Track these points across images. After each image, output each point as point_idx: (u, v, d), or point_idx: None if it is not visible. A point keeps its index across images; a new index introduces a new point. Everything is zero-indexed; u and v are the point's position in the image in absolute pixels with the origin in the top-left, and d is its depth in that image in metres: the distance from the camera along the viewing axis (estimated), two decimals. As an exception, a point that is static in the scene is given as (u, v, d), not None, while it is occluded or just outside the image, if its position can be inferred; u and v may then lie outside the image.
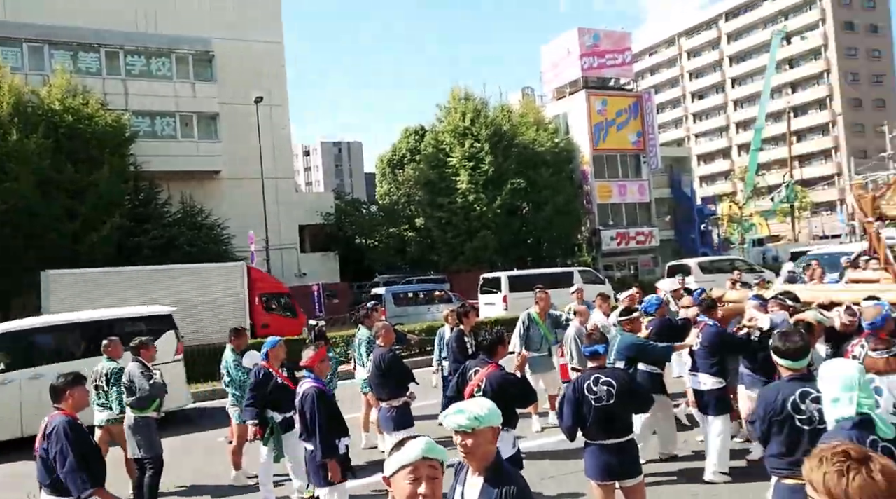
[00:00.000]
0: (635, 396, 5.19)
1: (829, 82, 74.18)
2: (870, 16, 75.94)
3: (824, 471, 1.84)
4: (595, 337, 5.27)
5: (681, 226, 44.02)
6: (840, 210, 58.70)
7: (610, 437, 5.00)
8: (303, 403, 5.39)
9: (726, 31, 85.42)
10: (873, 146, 66.53)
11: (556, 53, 42.92)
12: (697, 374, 6.61)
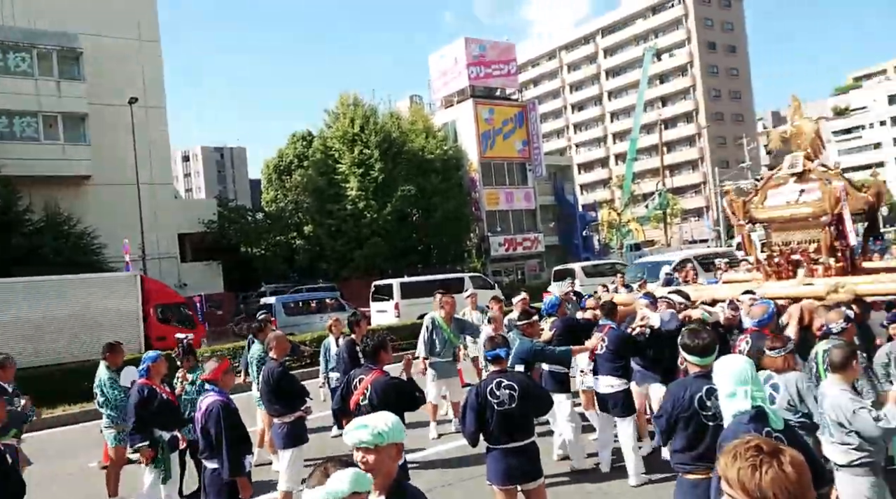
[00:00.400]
0: (537, 398, 5.21)
1: (695, 97, 79.80)
2: (729, 37, 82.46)
3: (738, 466, 1.86)
4: (497, 341, 5.26)
5: (564, 232, 45.72)
6: (706, 216, 63.20)
7: (512, 440, 4.99)
8: (207, 418, 5.01)
9: (603, 46, 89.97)
10: (734, 157, 72.16)
11: (444, 63, 43.49)
12: (600, 376, 6.66)
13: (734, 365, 3.46)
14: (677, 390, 4.22)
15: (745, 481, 1.83)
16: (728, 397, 3.35)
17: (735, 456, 1.89)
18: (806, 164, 7.76)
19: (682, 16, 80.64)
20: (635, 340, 6.68)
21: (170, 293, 20.33)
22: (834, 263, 7.42)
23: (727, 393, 3.37)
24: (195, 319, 19.77)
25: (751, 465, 1.84)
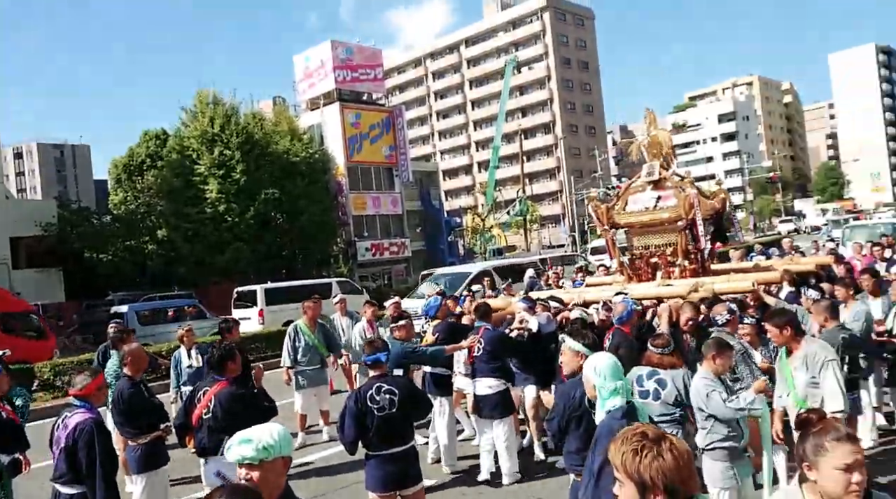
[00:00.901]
0: (417, 401, 5.15)
1: (552, 109, 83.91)
2: (582, 54, 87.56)
3: (623, 450, 1.96)
4: (377, 345, 5.14)
5: (430, 237, 46.28)
6: (563, 222, 66.47)
7: (393, 446, 4.90)
8: (75, 438, 4.36)
9: (466, 56, 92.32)
10: (587, 167, 76.60)
11: (310, 64, 42.62)
12: (479, 378, 6.63)
13: (609, 362, 3.55)
14: (568, 391, 4.28)
15: (626, 465, 1.93)
16: (611, 394, 3.44)
17: (622, 441, 1.99)
18: (662, 172, 8.31)
19: (540, 31, 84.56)
20: (512, 340, 6.76)
21: (15, 301, 18.56)
22: (688, 265, 7.99)
23: (610, 390, 3.45)
24: (46, 329, 17.94)
25: (633, 449, 1.94)
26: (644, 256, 8.52)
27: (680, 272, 7.97)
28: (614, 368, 3.52)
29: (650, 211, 8.31)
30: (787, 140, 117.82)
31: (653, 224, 8.30)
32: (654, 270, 8.44)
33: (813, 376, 4.65)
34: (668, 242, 8.22)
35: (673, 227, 8.06)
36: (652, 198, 8.26)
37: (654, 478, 1.89)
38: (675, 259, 8.09)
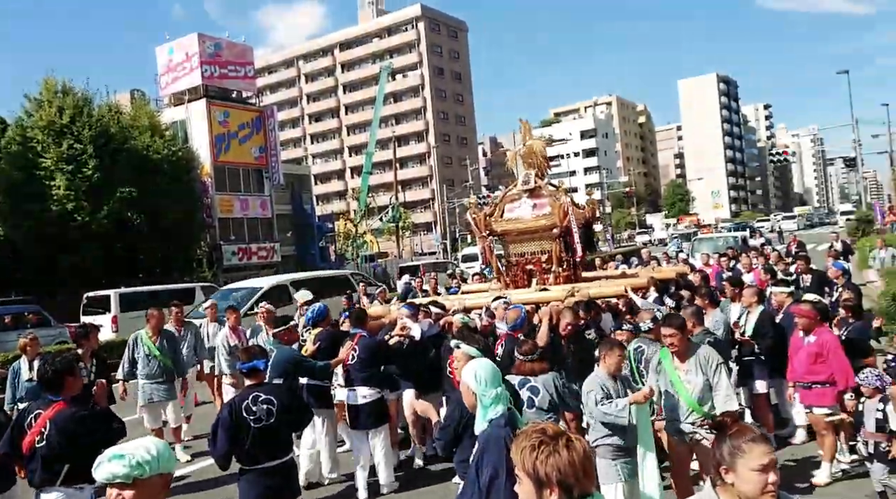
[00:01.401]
0: (297, 412, 4.92)
1: (425, 118, 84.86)
2: (455, 65, 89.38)
3: (522, 446, 1.97)
4: (254, 352, 4.86)
5: (301, 242, 45.16)
6: (435, 230, 67.30)
7: (271, 459, 4.64)
8: None
9: (340, 60, 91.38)
10: (459, 177, 78.09)
11: (175, 57, 40.32)
12: (355, 387, 6.35)
13: (490, 368, 3.46)
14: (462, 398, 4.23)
15: (524, 461, 1.95)
16: (493, 402, 3.32)
17: (522, 438, 2.01)
18: (537, 181, 8.55)
19: (414, 40, 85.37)
20: (389, 347, 6.57)
21: None
22: (562, 271, 8.27)
23: (491, 398, 3.32)
24: None
25: (531, 445, 1.96)
26: (520, 263, 8.73)
27: (554, 279, 8.23)
28: (494, 374, 3.42)
29: (526, 219, 8.53)
30: (641, 158, 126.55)
31: (529, 232, 8.52)
32: (530, 276, 8.67)
33: (707, 378, 4.82)
34: (544, 250, 8.48)
35: (548, 234, 8.32)
36: (528, 206, 8.48)
37: (549, 474, 1.90)
38: (550, 266, 8.34)
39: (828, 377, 5.74)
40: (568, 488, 1.92)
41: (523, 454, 1.97)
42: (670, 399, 4.96)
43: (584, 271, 9.41)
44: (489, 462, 3.07)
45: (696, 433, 4.89)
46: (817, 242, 33.08)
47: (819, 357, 5.79)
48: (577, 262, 8.69)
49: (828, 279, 10.48)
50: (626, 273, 9.90)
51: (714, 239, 25.04)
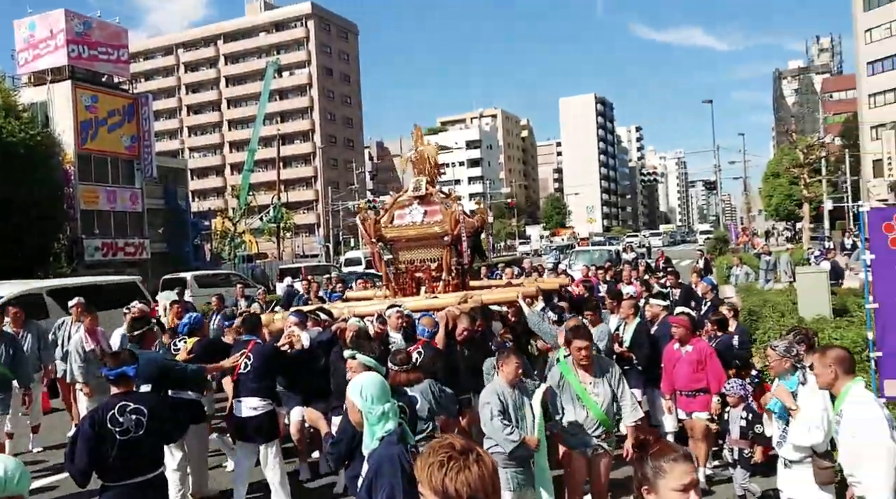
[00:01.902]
0: (169, 422, 4.55)
1: (312, 118, 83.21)
2: (344, 66, 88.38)
3: (429, 462, 1.90)
4: (123, 357, 4.44)
5: (174, 239, 42.80)
6: (317, 232, 65.97)
7: (138, 474, 4.24)
8: None
9: (224, 51, 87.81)
10: (344, 179, 77.19)
11: (36, 33, 37.03)
12: (243, 398, 5.85)
13: (377, 382, 3.29)
14: None
15: (432, 478, 1.87)
16: (380, 419, 3.16)
17: (429, 454, 1.93)
18: (428, 188, 8.49)
19: (303, 38, 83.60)
20: (286, 355, 6.19)
21: None
22: (451, 279, 8.24)
23: (378, 415, 3.16)
24: None
25: (439, 461, 1.88)
26: (409, 271, 8.62)
27: (444, 287, 8.20)
28: (383, 389, 3.25)
29: (417, 226, 8.44)
30: (523, 171, 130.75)
31: (419, 239, 8.44)
32: (419, 284, 8.58)
33: (613, 390, 4.88)
34: (433, 257, 8.42)
35: (439, 242, 8.28)
36: (419, 213, 8.40)
37: (460, 490, 1.84)
38: (440, 274, 8.30)
39: (708, 385, 6.08)
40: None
41: (430, 471, 1.88)
42: (575, 413, 4.88)
43: (471, 280, 9.45)
44: (384, 484, 2.94)
45: (599, 448, 4.91)
46: (679, 257, 35.43)
47: (700, 365, 6.12)
48: (465, 270, 8.71)
49: (694, 294, 11.20)
50: (512, 283, 10.06)
51: (591, 252, 26.19)
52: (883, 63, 51.81)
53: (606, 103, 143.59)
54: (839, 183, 50.60)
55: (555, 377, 5.02)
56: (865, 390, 3.83)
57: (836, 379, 3.80)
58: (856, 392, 3.74)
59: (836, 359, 3.80)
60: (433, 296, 7.83)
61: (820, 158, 38.81)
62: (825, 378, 3.85)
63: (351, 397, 3.23)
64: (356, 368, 4.18)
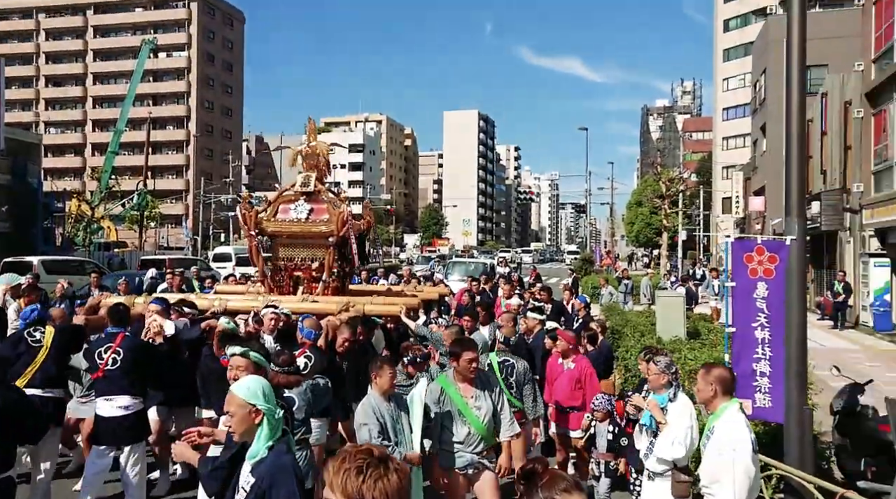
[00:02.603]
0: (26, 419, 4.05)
1: (188, 104, 79.07)
2: (228, 54, 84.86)
3: (344, 469, 1.85)
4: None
5: (21, 220, 38.94)
6: (185, 224, 62.67)
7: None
8: None
9: (93, 23, 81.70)
10: (219, 171, 73.92)
11: None
12: (109, 397, 5.32)
13: (263, 387, 3.05)
14: None
15: (347, 484, 1.83)
16: (278, 424, 2.96)
17: (344, 459, 1.89)
18: (317, 185, 8.20)
19: (185, 19, 79.50)
20: (158, 349, 5.69)
21: None
22: (332, 282, 8.00)
23: (278, 417, 2.96)
24: None
25: (357, 468, 1.85)
26: (288, 269, 8.29)
27: (323, 289, 7.94)
28: (270, 392, 3.03)
29: (301, 223, 8.13)
30: (404, 179, 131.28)
31: (302, 236, 8.13)
32: (296, 284, 8.27)
33: (494, 404, 4.76)
34: (315, 257, 8.14)
35: (323, 242, 8.01)
36: (304, 210, 8.10)
37: (377, 498, 1.82)
38: (320, 275, 8.04)
39: (582, 403, 6.24)
40: None
41: (346, 477, 1.83)
42: (456, 429, 4.70)
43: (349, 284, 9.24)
44: (282, 495, 2.74)
45: (480, 464, 4.73)
46: (548, 275, 36.93)
47: (578, 384, 6.28)
48: (346, 273, 8.50)
49: (565, 309, 11.65)
50: (392, 290, 9.94)
51: (467, 263, 26.64)
52: (736, 110, 56.91)
53: (489, 121, 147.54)
54: (693, 216, 54.84)
55: (434, 393, 4.81)
56: (739, 412, 4.05)
57: (714, 397, 4.02)
58: (730, 413, 3.97)
59: (717, 378, 4.02)
60: (313, 299, 7.55)
61: (679, 191, 41.89)
62: (705, 394, 4.06)
63: (248, 400, 2.92)
64: (245, 367, 3.79)
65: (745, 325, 5.95)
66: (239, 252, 31.06)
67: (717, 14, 61.24)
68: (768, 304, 5.85)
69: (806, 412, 5.43)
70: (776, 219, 30.85)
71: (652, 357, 5.00)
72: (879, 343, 17.52)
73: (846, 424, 6.60)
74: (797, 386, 5.45)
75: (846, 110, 21.93)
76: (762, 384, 5.84)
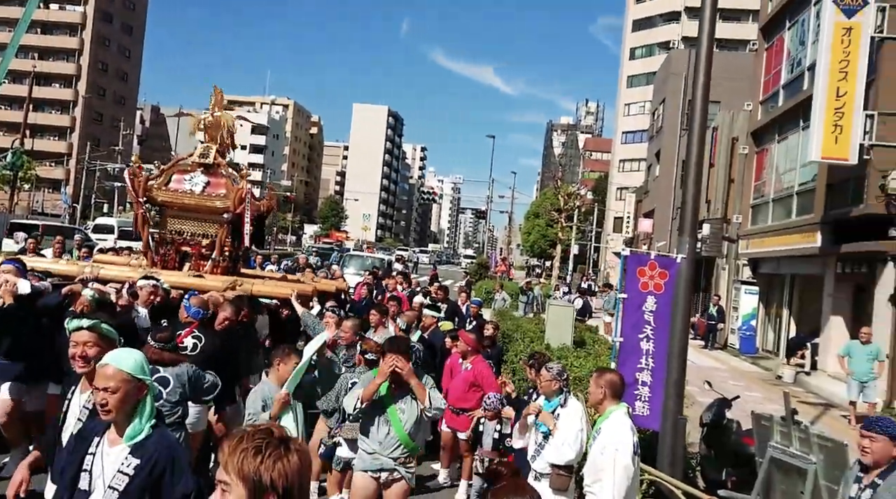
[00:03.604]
0: None
1: (79, 63, 73.75)
2: (129, 15, 79.89)
3: (242, 448, 1.79)
4: None
5: None
6: (64, 191, 58.39)
7: None
8: None
9: (-22, -38, 74.64)
10: (108, 138, 69.45)
11: None
12: None
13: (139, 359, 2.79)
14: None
15: (244, 465, 1.77)
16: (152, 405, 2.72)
17: (241, 439, 1.81)
18: (217, 157, 7.77)
19: (84, -29, 74.23)
20: (6, 311, 5.09)
21: None
22: (222, 260, 7.58)
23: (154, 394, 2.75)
24: None
25: (255, 448, 1.78)
26: (175, 243, 7.79)
27: (213, 267, 7.51)
28: (144, 366, 2.78)
29: (196, 195, 7.65)
30: (307, 167, 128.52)
31: (196, 210, 7.66)
32: (183, 258, 7.80)
33: (419, 414, 4.56)
34: (207, 233, 7.71)
35: (217, 218, 7.59)
36: (201, 182, 7.64)
37: (276, 479, 1.76)
38: (210, 252, 7.61)
39: (475, 405, 6.24)
40: (290, 496, 1.78)
41: (243, 457, 1.76)
42: (377, 428, 4.51)
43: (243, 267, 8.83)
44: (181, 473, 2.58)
45: (395, 471, 4.53)
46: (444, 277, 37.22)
47: (472, 386, 6.28)
48: (239, 254, 8.11)
49: (459, 310, 11.76)
50: (288, 277, 9.59)
51: (364, 258, 26.37)
52: (634, 135, 59.80)
53: (398, 118, 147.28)
54: (586, 232, 57.06)
55: (367, 382, 4.58)
56: (626, 416, 4.22)
57: (604, 399, 4.20)
58: (616, 416, 4.14)
59: (608, 382, 4.21)
60: (198, 274, 7.12)
61: (575, 206, 43.45)
62: (595, 397, 4.24)
63: (136, 374, 2.66)
64: (95, 342, 3.32)
65: (633, 335, 6.16)
66: (123, 225, 29.34)
67: (625, 42, 64.13)
68: (655, 317, 6.09)
69: (680, 421, 5.69)
70: (661, 242, 32.63)
71: (544, 364, 5.11)
72: (743, 364, 18.85)
73: (712, 436, 7.00)
74: (675, 395, 5.69)
75: (733, 146, 23.50)
76: (643, 393, 6.08)
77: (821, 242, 15.90)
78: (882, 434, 3.75)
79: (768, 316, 21.09)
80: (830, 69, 14.24)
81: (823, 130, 14.22)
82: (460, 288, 15.17)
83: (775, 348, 20.15)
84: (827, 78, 14.29)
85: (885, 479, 3.70)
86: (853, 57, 14.01)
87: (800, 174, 18.12)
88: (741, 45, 44.50)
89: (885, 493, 3.66)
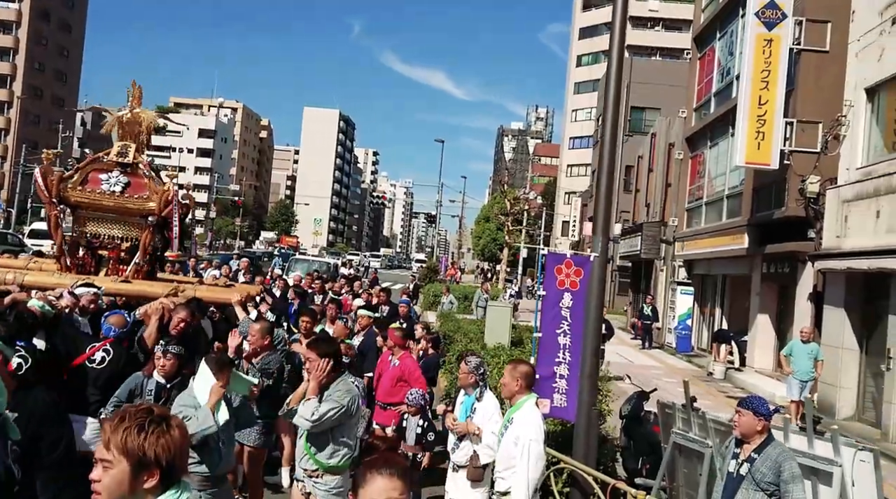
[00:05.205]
0: None
1: (14, 62, 71.21)
2: (67, 14, 77.51)
3: (125, 426, 1.89)
4: None
5: None
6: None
7: None
8: None
9: None
10: (46, 141, 67.08)
11: None
12: None
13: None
14: None
15: (127, 441, 1.87)
16: None
17: (123, 418, 1.92)
18: (137, 156, 7.60)
19: (19, -33, 71.77)
20: None
21: None
22: (145, 266, 7.40)
23: None
24: None
25: (138, 425, 1.89)
26: (91, 246, 7.57)
27: (135, 272, 7.34)
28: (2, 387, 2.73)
29: (114, 196, 7.39)
30: (256, 171, 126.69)
31: (116, 211, 7.42)
32: (99, 263, 7.58)
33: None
34: (128, 237, 7.54)
35: (139, 221, 7.44)
36: (119, 182, 7.44)
37: (159, 454, 1.89)
38: (130, 257, 7.40)
39: (402, 401, 6.39)
40: (171, 469, 1.93)
41: (126, 435, 1.87)
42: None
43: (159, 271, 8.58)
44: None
45: (309, 484, 4.37)
46: (394, 281, 37.24)
47: (400, 381, 6.43)
48: (160, 258, 8.00)
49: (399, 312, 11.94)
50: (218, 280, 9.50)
51: (310, 261, 26.28)
52: (581, 140, 61.00)
53: (350, 122, 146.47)
54: (535, 235, 57.88)
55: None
56: (535, 406, 4.50)
57: (518, 391, 4.44)
58: (528, 406, 4.41)
59: (523, 373, 4.47)
60: (123, 279, 7.00)
61: (523, 210, 44.08)
62: (510, 388, 4.47)
63: None
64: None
65: (551, 331, 6.41)
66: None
67: (573, 49, 65.40)
68: (571, 313, 6.34)
69: (593, 412, 5.94)
70: (605, 244, 33.28)
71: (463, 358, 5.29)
72: (679, 363, 19.48)
73: (630, 427, 7.31)
74: (589, 387, 5.95)
75: (669, 151, 24.29)
76: (560, 386, 6.32)
77: (748, 244, 16.60)
78: (748, 410, 4.14)
79: (703, 315, 21.86)
80: (753, 78, 14.92)
81: (747, 137, 14.88)
82: (402, 290, 15.31)
83: (709, 347, 20.92)
84: (750, 87, 14.97)
85: (760, 453, 4.05)
86: (774, 67, 14.72)
87: (729, 179, 18.88)
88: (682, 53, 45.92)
89: (761, 465, 4.00)
